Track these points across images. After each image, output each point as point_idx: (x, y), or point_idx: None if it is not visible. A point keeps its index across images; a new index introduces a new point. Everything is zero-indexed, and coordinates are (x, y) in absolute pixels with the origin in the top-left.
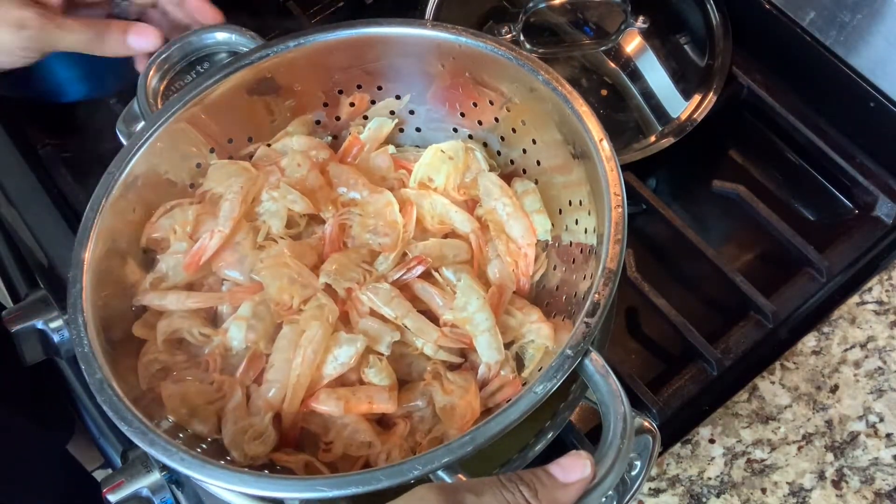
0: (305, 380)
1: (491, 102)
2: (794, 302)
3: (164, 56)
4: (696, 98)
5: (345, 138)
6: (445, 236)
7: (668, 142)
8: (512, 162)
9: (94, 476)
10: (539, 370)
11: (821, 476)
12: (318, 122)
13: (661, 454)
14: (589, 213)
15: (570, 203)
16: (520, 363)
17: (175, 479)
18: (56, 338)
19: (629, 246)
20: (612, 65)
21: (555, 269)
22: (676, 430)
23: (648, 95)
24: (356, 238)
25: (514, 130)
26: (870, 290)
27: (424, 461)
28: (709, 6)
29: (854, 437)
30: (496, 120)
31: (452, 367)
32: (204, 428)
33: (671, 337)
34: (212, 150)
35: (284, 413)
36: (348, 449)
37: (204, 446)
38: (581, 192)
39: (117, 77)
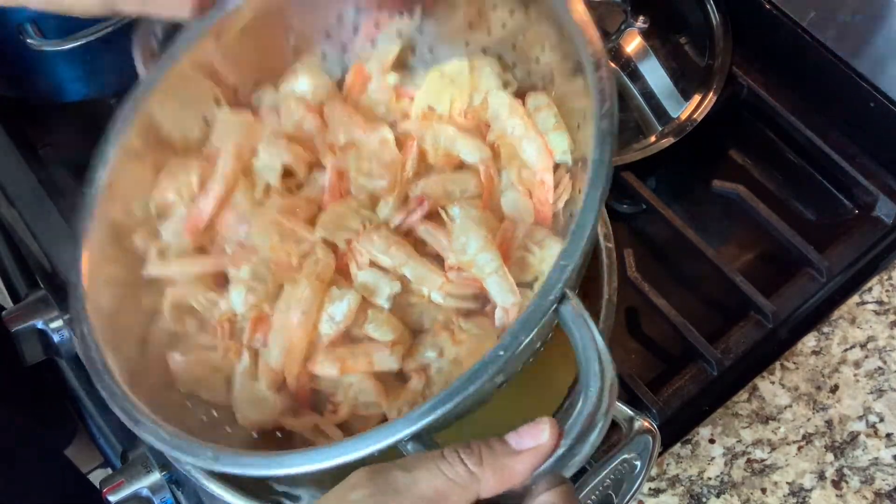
0: (301, 342)
1: (494, 6)
2: (794, 302)
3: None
4: (696, 98)
5: None
6: (456, 170)
7: (668, 142)
8: (530, 75)
9: (91, 480)
10: None
11: (821, 476)
12: (324, 57)
13: (661, 454)
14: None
15: (585, 116)
16: None
17: (175, 480)
18: (56, 338)
19: (629, 245)
20: (613, 65)
21: (580, 192)
22: (676, 430)
23: (648, 95)
24: (354, 183)
25: (523, 36)
26: (870, 290)
27: (382, 434)
28: (709, 6)
29: (854, 437)
30: (503, 27)
31: (470, 313)
32: (213, 395)
33: (671, 337)
34: (217, 102)
35: (287, 377)
36: (356, 409)
37: (215, 413)
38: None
39: (117, 77)
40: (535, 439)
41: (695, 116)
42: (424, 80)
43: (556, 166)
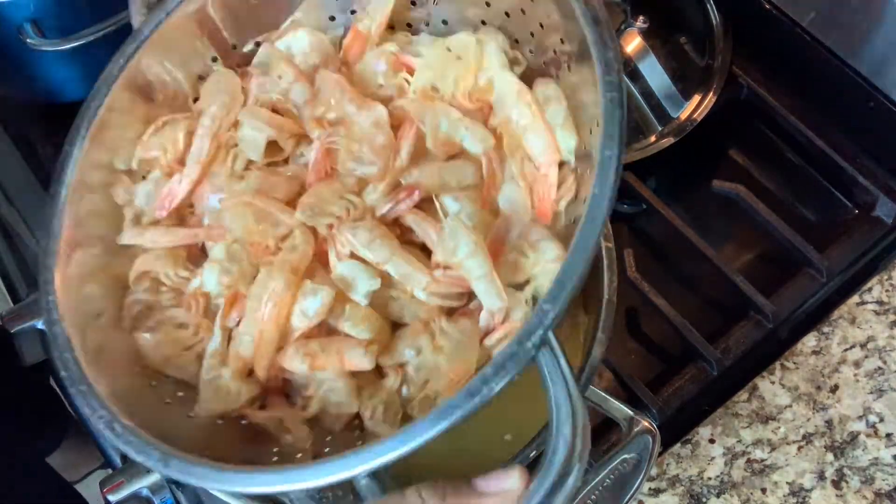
0: (271, 335)
1: None
2: (794, 302)
3: None
4: (696, 98)
5: None
6: (453, 156)
7: (668, 142)
8: (544, 64)
9: (77, 488)
10: None
11: (821, 476)
12: (332, 19)
13: (661, 454)
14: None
15: (597, 121)
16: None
17: (175, 480)
18: None
19: (629, 245)
20: None
21: (585, 201)
22: (676, 430)
23: (648, 95)
24: (341, 166)
25: (523, 11)
26: (870, 290)
27: (335, 467)
28: (709, 6)
29: (854, 437)
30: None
31: (453, 311)
32: (182, 374)
33: (671, 337)
34: (214, 59)
35: (256, 368)
36: (326, 406)
37: (181, 394)
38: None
39: None
40: (504, 484)
41: (695, 116)
42: (426, 50)
43: (561, 164)
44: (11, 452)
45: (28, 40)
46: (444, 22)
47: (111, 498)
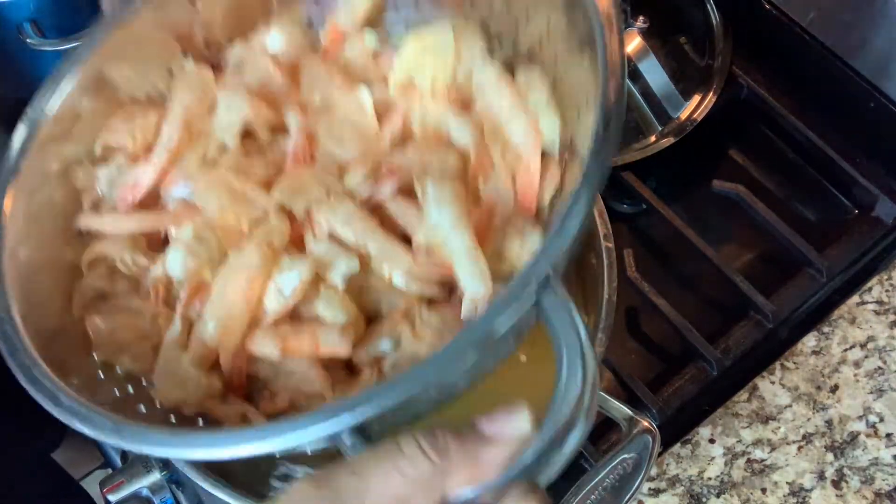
0: (241, 315)
1: None
2: (794, 302)
3: None
4: (696, 98)
5: None
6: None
7: (668, 142)
8: (524, 53)
9: (83, 485)
10: None
11: (821, 476)
12: (310, 25)
13: (661, 454)
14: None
15: (587, 101)
16: None
17: (175, 479)
18: None
19: (629, 245)
20: None
21: (573, 192)
22: (676, 430)
23: (648, 95)
24: (321, 149)
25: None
26: (870, 290)
27: (313, 419)
28: (709, 6)
29: (854, 437)
30: None
31: (434, 302)
32: (136, 365)
33: (671, 337)
34: (185, 54)
35: (221, 354)
36: (297, 399)
37: (130, 389)
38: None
39: None
40: (509, 426)
41: (695, 116)
42: (403, 45)
43: (544, 156)
44: (11, 452)
45: (28, 40)
46: (426, 22)
47: (111, 498)
